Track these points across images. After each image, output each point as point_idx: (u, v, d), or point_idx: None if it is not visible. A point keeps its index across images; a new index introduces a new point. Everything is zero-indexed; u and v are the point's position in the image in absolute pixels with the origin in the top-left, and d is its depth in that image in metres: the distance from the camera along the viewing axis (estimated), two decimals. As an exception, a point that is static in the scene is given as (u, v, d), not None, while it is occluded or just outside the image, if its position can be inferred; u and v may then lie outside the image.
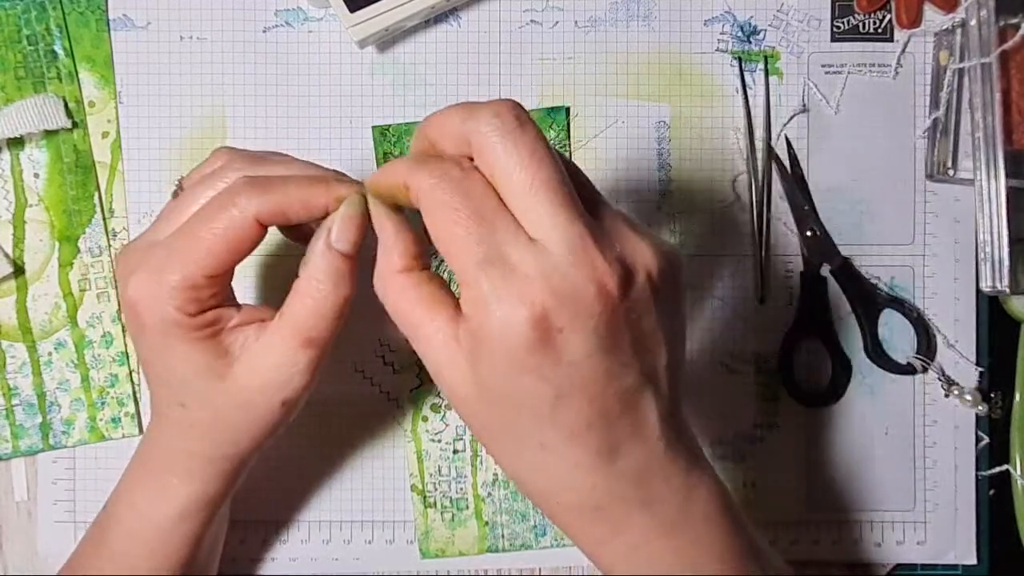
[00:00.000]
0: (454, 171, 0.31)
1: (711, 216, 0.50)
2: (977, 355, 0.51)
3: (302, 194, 0.35)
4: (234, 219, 0.35)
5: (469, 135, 0.31)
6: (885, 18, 0.50)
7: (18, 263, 0.49)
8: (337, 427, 0.50)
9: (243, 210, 0.35)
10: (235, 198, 0.35)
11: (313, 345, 0.36)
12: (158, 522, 0.40)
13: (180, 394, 0.37)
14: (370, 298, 0.50)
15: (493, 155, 0.31)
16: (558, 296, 0.30)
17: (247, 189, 0.35)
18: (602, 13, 0.50)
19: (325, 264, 0.35)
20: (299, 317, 0.35)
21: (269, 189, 0.35)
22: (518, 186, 0.31)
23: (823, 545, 0.50)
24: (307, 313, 0.35)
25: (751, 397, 0.50)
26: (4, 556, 0.49)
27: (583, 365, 0.31)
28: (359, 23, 0.46)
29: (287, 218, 0.35)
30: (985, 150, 0.47)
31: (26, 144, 0.49)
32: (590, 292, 0.30)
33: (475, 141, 0.31)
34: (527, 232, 0.31)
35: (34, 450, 0.49)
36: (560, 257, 0.30)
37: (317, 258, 0.35)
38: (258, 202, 0.35)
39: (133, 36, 0.49)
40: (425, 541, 0.50)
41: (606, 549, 0.35)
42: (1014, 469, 0.50)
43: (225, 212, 0.35)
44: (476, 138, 0.31)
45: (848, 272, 0.50)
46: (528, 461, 0.34)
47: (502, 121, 0.31)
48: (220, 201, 0.35)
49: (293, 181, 0.36)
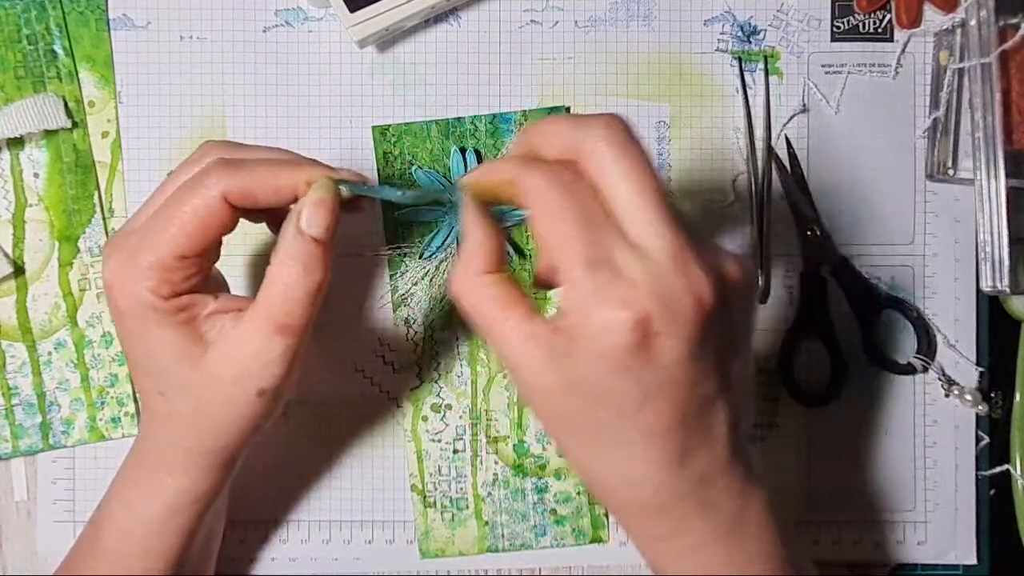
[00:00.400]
0: (565, 174, 0.33)
1: (711, 216, 0.50)
2: (977, 355, 0.50)
3: (270, 175, 0.36)
4: (203, 198, 0.35)
5: (579, 143, 0.33)
6: (885, 18, 0.50)
7: (18, 263, 0.49)
8: (337, 427, 0.50)
9: (210, 189, 0.35)
10: (204, 179, 0.35)
11: (287, 332, 0.36)
12: (148, 519, 0.40)
13: (159, 382, 0.38)
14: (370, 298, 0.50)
15: (602, 164, 0.32)
16: (660, 301, 0.31)
17: (216, 169, 0.35)
18: (602, 13, 0.50)
19: (295, 248, 0.35)
20: (271, 303, 0.36)
21: (238, 169, 0.35)
22: (625, 195, 0.32)
23: (823, 545, 0.50)
24: (279, 299, 0.35)
25: (751, 397, 0.50)
26: (4, 556, 0.49)
27: (673, 369, 0.32)
28: (359, 23, 0.46)
29: (255, 199, 0.36)
30: (985, 150, 0.47)
31: (26, 144, 0.49)
32: (689, 300, 0.31)
33: (585, 149, 0.33)
34: (631, 239, 0.32)
35: (34, 450, 0.49)
36: (663, 264, 0.31)
37: (288, 242, 0.35)
38: (227, 182, 0.35)
39: (133, 36, 0.49)
40: (425, 541, 0.50)
41: (662, 547, 0.36)
42: (1014, 469, 0.50)
43: (194, 192, 0.35)
44: (586, 146, 0.32)
45: (848, 272, 0.50)
46: (602, 456, 0.35)
47: (613, 133, 0.32)
48: (191, 182, 0.36)
49: (263, 163, 0.36)
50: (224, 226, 0.36)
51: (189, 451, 0.39)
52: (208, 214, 0.35)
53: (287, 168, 0.36)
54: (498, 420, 0.50)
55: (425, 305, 0.49)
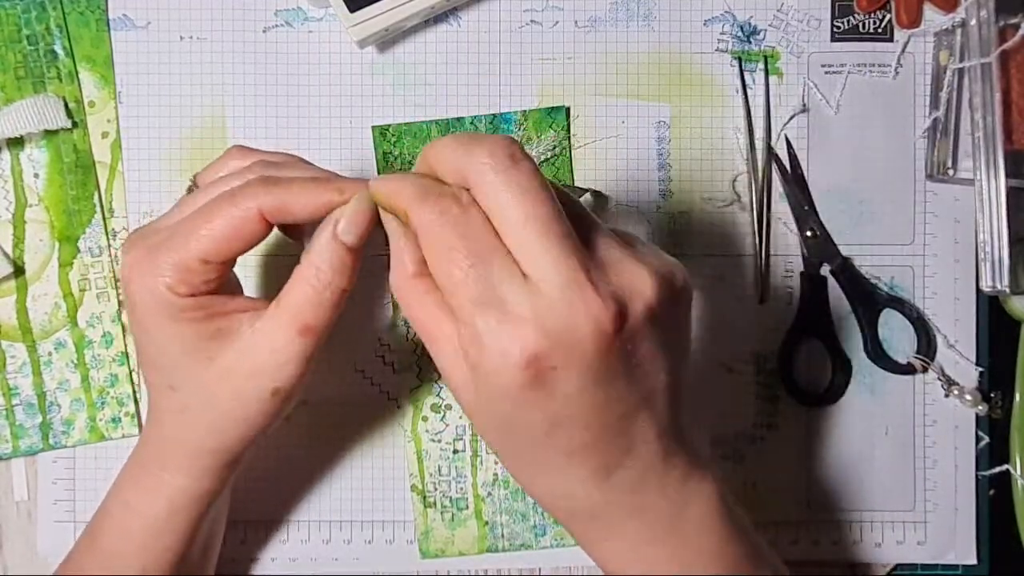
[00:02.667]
0: (453, 208, 0.32)
1: (711, 216, 0.50)
2: (977, 355, 0.50)
3: (307, 192, 0.36)
4: (240, 209, 0.35)
5: (465, 171, 0.32)
6: (885, 18, 0.50)
7: (18, 263, 0.49)
8: (337, 427, 0.50)
9: (249, 201, 0.35)
10: (244, 191, 0.36)
11: (309, 333, 0.36)
12: (148, 518, 0.40)
13: (170, 376, 0.38)
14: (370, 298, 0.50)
15: (487, 192, 0.32)
16: (551, 336, 0.31)
17: (256, 185, 0.36)
18: (602, 13, 0.50)
19: (329, 253, 0.35)
20: (298, 303, 0.36)
21: (277, 186, 0.36)
22: (512, 224, 0.31)
23: (823, 545, 0.50)
24: (306, 300, 0.36)
25: (751, 397, 0.50)
26: (4, 556, 0.49)
27: (577, 398, 0.32)
28: (359, 23, 0.46)
29: (292, 215, 0.36)
30: (985, 150, 0.47)
31: (26, 144, 0.49)
32: (584, 331, 0.31)
33: (470, 178, 0.32)
34: (522, 269, 0.31)
35: (34, 450, 0.49)
36: (554, 297, 0.31)
37: (322, 247, 0.36)
38: (264, 199, 0.35)
39: (133, 36, 0.49)
40: (425, 541, 0.50)
41: (602, 548, 0.37)
42: (1014, 469, 0.50)
43: (233, 202, 0.36)
44: (471, 175, 0.32)
45: (848, 272, 0.50)
46: (527, 472, 0.36)
47: (496, 160, 0.31)
48: (229, 193, 0.36)
49: (300, 180, 0.36)
50: (255, 239, 0.36)
51: (193, 449, 0.39)
52: (242, 225, 0.35)
53: (324, 185, 0.36)
54: (498, 420, 0.50)
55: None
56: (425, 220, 0.32)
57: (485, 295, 0.31)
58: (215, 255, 0.36)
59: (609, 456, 0.34)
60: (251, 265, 0.49)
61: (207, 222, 0.36)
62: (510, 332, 0.31)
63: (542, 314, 0.30)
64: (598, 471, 0.34)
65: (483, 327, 0.31)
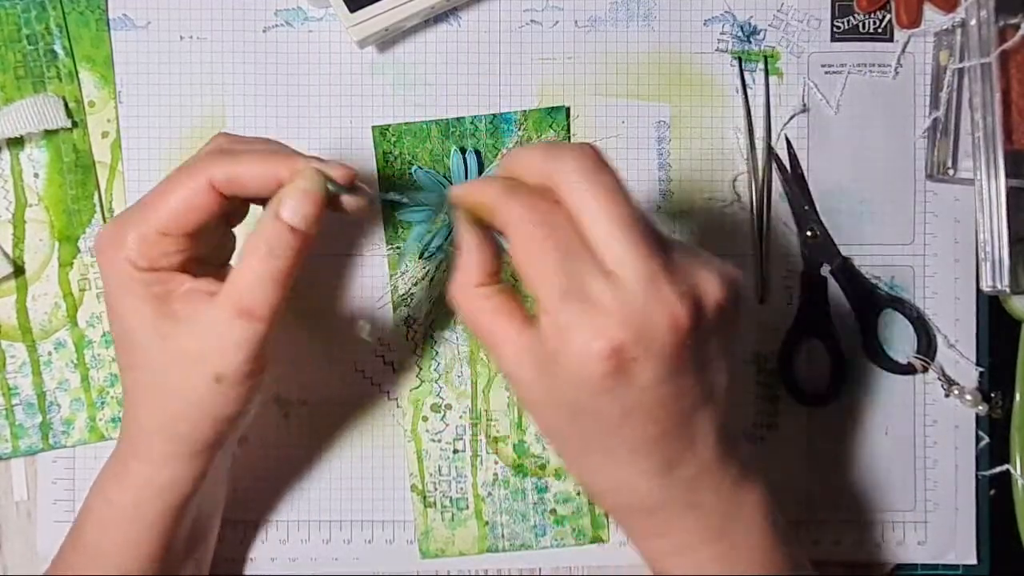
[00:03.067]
0: (542, 204, 0.33)
1: (711, 216, 0.50)
2: (977, 355, 0.50)
3: (257, 163, 0.36)
4: (192, 180, 0.36)
5: (552, 174, 0.33)
6: (885, 18, 0.50)
7: (18, 263, 0.49)
8: (337, 427, 0.50)
9: (200, 173, 0.36)
10: (197, 163, 0.37)
11: (248, 316, 0.35)
12: (121, 508, 0.39)
13: (130, 354, 0.38)
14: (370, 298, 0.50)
15: (575, 194, 0.33)
16: (634, 329, 0.32)
17: (210, 156, 0.37)
18: (602, 13, 0.50)
19: (268, 233, 0.36)
20: (236, 285, 0.36)
21: (228, 157, 0.37)
22: (598, 225, 0.32)
23: (823, 545, 0.50)
24: (243, 282, 0.36)
25: (751, 397, 0.50)
26: (4, 556, 0.49)
27: (652, 390, 0.33)
28: (359, 23, 0.46)
29: (243, 187, 0.36)
30: (985, 150, 0.47)
31: (26, 144, 0.49)
32: (663, 325, 0.32)
33: (557, 180, 0.33)
34: (606, 266, 0.32)
35: (34, 450, 0.49)
36: (637, 292, 0.32)
37: (262, 227, 0.36)
38: (215, 169, 0.36)
39: (133, 36, 0.49)
40: (425, 541, 0.50)
41: (655, 545, 0.38)
42: (1014, 469, 0.50)
43: (188, 174, 0.36)
44: (558, 177, 0.33)
45: (848, 272, 0.50)
46: (591, 464, 0.36)
47: (584, 164, 0.33)
48: (186, 166, 0.37)
49: (253, 152, 0.37)
50: (209, 210, 0.37)
51: (152, 434, 0.38)
52: (193, 196, 0.36)
53: (275, 157, 0.37)
54: (498, 420, 0.50)
55: (425, 305, 0.49)
56: (516, 215, 0.33)
57: (572, 287, 0.32)
58: (173, 227, 0.36)
59: (672, 451, 0.35)
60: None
61: (163, 194, 0.37)
62: (596, 323, 0.32)
63: (625, 307, 0.32)
64: (661, 466, 0.35)
65: (569, 318, 0.32)
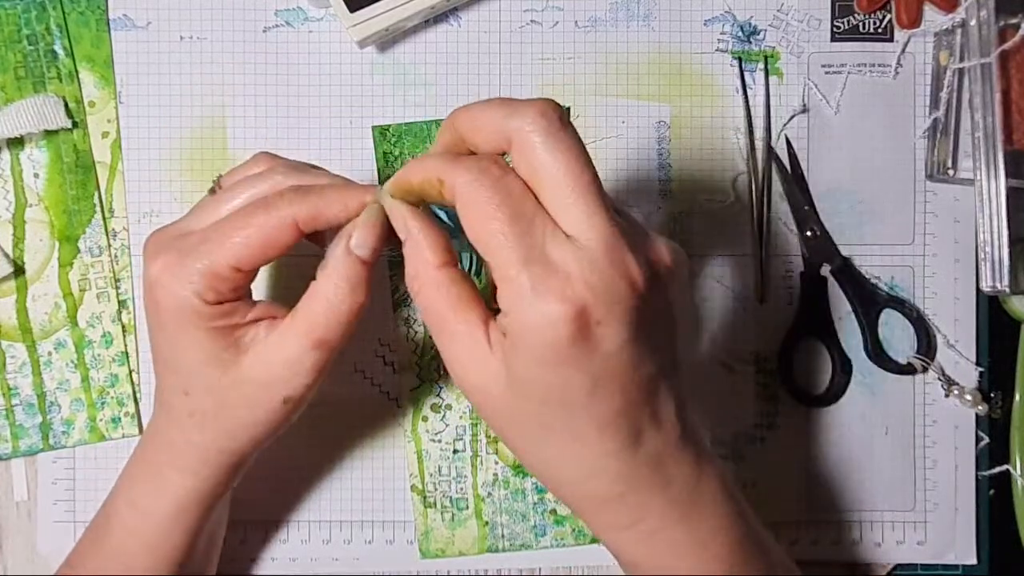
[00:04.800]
0: (493, 168, 0.32)
1: (711, 216, 0.50)
2: (977, 355, 0.51)
3: (341, 197, 0.36)
4: (275, 218, 0.36)
5: (511, 132, 0.32)
6: (885, 18, 0.50)
7: (18, 263, 0.49)
8: (337, 427, 0.50)
9: (283, 210, 0.36)
10: (279, 200, 0.36)
11: (323, 347, 0.36)
12: (155, 517, 0.40)
13: (186, 382, 0.38)
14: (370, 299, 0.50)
15: (535, 153, 0.32)
16: (595, 291, 0.31)
17: (291, 193, 0.36)
18: (602, 13, 0.50)
19: (344, 268, 0.36)
20: (313, 317, 0.36)
21: (311, 193, 0.36)
22: (559, 186, 0.32)
23: (823, 545, 0.50)
24: (322, 315, 0.36)
25: (751, 397, 0.50)
26: (4, 556, 0.49)
27: (616, 355, 0.32)
28: (359, 23, 0.46)
29: (326, 221, 0.36)
30: (985, 150, 0.47)
31: (26, 144, 0.49)
32: (623, 286, 0.32)
33: (517, 139, 0.32)
34: (563, 230, 0.32)
35: (34, 450, 0.49)
36: (597, 254, 0.31)
37: (337, 262, 0.36)
38: (299, 207, 0.36)
39: (133, 36, 0.49)
40: (425, 541, 0.50)
41: (625, 536, 0.37)
42: (1014, 469, 0.50)
43: (267, 210, 0.36)
44: (519, 136, 0.32)
45: (848, 272, 0.50)
46: (556, 452, 0.35)
47: (547, 121, 0.32)
48: (264, 201, 0.36)
49: (331, 187, 0.37)
50: (287, 247, 0.36)
51: (203, 452, 0.39)
52: (276, 234, 0.36)
53: (354, 192, 0.36)
54: (498, 420, 0.50)
55: (425, 305, 0.49)
56: (465, 180, 0.32)
57: (530, 253, 0.31)
58: (247, 263, 0.36)
59: (637, 423, 0.34)
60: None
61: (241, 229, 0.36)
62: (558, 286, 0.31)
63: (587, 270, 0.31)
64: (628, 440, 0.34)
65: (529, 284, 0.31)
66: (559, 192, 0.32)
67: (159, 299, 0.36)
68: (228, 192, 0.38)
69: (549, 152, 0.32)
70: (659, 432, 0.35)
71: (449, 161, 0.33)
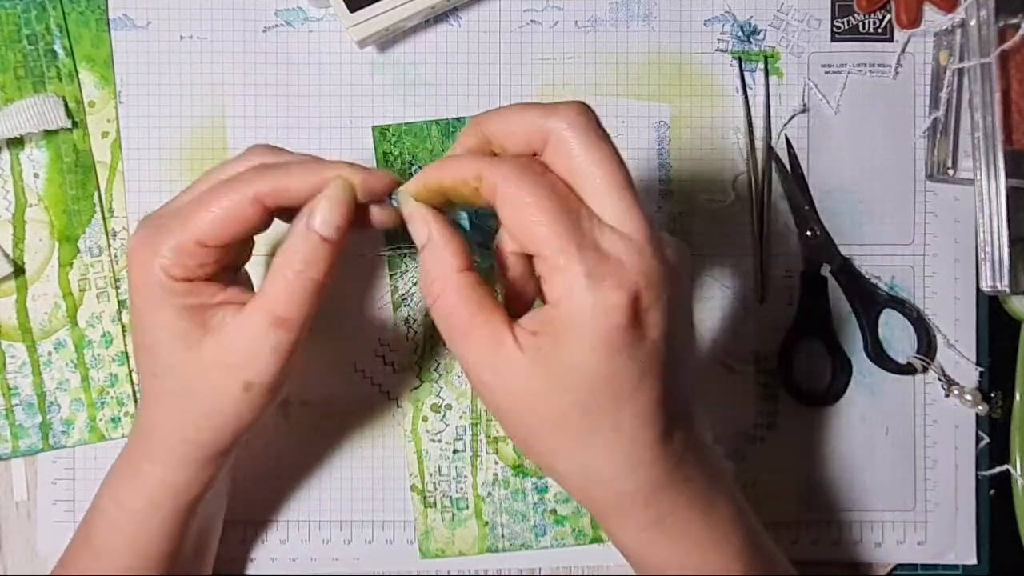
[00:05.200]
0: (535, 164, 0.33)
1: (711, 216, 0.50)
2: (977, 355, 0.51)
3: (302, 172, 0.36)
4: (237, 193, 0.36)
5: (548, 133, 0.33)
6: (885, 18, 0.50)
7: (18, 263, 0.49)
8: (337, 427, 0.50)
9: (246, 186, 0.36)
10: (242, 177, 0.36)
11: (283, 326, 0.36)
12: (133, 511, 0.40)
13: (154, 362, 0.38)
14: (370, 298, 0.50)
15: (574, 152, 0.33)
16: (647, 278, 0.32)
17: (255, 169, 0.37)
18: (602, 13, 0.50)
19: (301, 244, 0.35)
20: (270, 295, 0.36)
21: (275, 168, 0.36)
22: (598, 183, 0.33)
23: (823, 545, 0.50)
24: (278, 292, 0.36)
25: (751, 397, 0.50)
26: (4, 556, 0.49)
27: (660, 343, 0.33)
28: (359, 23, 0.46)
29: (289, 196, 0.36)
30: (985, 150, 0.47)
31: (26, 144, 0.49)
32: (664, 274, 0.33)
33: (554, 139, 0.33)
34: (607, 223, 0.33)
35: (34, 450, 0.49)
36: (642, 243, 0.33)
37: (295, 238, 0.36)
38: (261, 183, 0.36)
39: (133, 36, 0.49)
40: (425, 541, 0.50)
41: (645, 537, 0.37)
42: (1014, 469, 0.50)
43: (231, 187, 0.36)
44: (556, 136, 0.33)
45: (848, 272, 0.50)
46: (597, 447, 0.34)
47: (583, 120, 0.33)
48: (232, 179, 0.37)
49: (297, 163, 0.37)
50: (251, 224, 0.36)
51: (170, 439, 0.39)
52: (238, 209, 0.36)
53: (319, 166, 0.36)
54: (498, 420, 0.50)
55: (425, 305, 0.49)
56: (508, 175, 0.33)
57: (584, 242, 0.32)
58: (212, 238, 0.36)
59: (669, 416, 0.35)
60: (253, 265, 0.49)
61: (205, 206, 0.36)
62: (614, 273, 0.32)
63: (635, 259, 0.32)
64: (661, 433, 0.34)
65: (585, 271, 0.32)
66: (599, 188, 0.33)
67: (132, 276, 0.37)
68: (206, 175, 0.38)
69: (587, 151, 0.33)
70: (682, 427, 0.36)
71: (487, 159, 0.34)
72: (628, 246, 0.32)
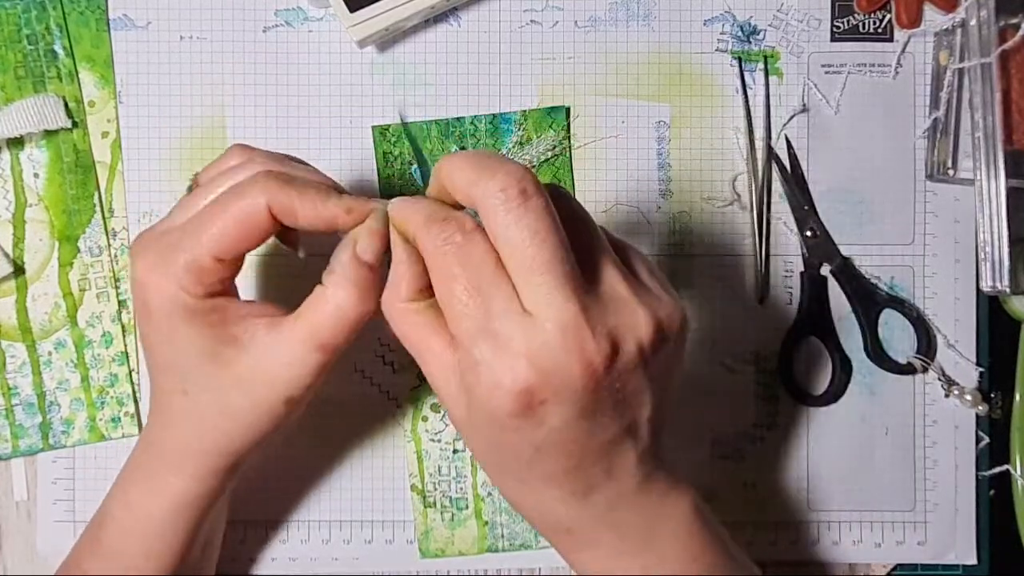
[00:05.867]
0: (457, 236, 0.33)
1: (711, 216, 0.50)
2: (977, 355, 0.50)
3: (316, 202, 0.36)
4: (249, 204, 0.35)
5: (475, 199, 0.33)
6: (885, 18, 0.50)
7: (18, 263, 0.49)
8: (337, 427, 0.50)
9: (257, 197, 0.35)
10: (252, 187, 0.36)
11: (326, 351, 0.36)
12: (151, 518, 0.40)
13: (183, 380, 0.38)
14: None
15: (496, 225, 0.32)
16: (544, 373, 0.32)
17: (265, 179, 0.36)
18: (602, 13, 0.50)
19: (352, 274, 0.36)
20: (318, 322, 0.36)
21: (288, 184, 0.36)
22: (518, 262, 0.32)
23: (823, 545, 0.50)
24: (327, 320, 0.36)
25: (751, 397, 0.50)
26: (4, 556, 0.49)
27: (562, 430, 0.33)
28: (359, 23, 0.46)
29: (295, 219, 0.36)
30: (985, 150, 0.47)
31: (26, 144, 0.49)
32: (575, 370, 0.32)
33: (481, 207, 0.33)
34: (522, 303, 0.32)
35: (34, 450, 0.49)
36: (551, 335, 0.31)
37: (345, 267, 0.36)
38: (273, 195, 0.35)
39: (133, 36, 0.49)
40: (425, 541, 0.50)
41: (579, 558, 0.38)
42: (1014, 469, 0.50)
43: (242, 198, 0.36)
44: (481, 206, 0.32)
45: (848, 272, 0.50)
46: (509, 487, 0.37)
47: (507, 195, 0.32)
48: (238, 189, 0.36)
49: (312, 185, 0.36)
50: (264, 235, 0.36)
51: (201, 452, 0.39)
52: (251, 221, 0.36)
53: (334, 197, 0.36)
54: (498, 420, 0.50)
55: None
56: (430, 247, 0.33)
57: (482, 326, 0.32)
58: (228, 251, 0.36)
59: (588, 480, 0.35)
60: (247, 265, 0.49)
61: (217, 218, 0.36)
62: (505, 364, 0.32)
63: (536, 351, 0.31)
64: (575, 493, 0.35)
65: (479, 356, 0.32)
66: (519, 267, 0.32)
67: (148, 299, 0.36)
68: (205, 187, 0.38)
69: (511, 228, 0.32)
70: (615, 485, 0.35)
71: (423, 222, 0.34)
72: (531, 336, 0.31)
